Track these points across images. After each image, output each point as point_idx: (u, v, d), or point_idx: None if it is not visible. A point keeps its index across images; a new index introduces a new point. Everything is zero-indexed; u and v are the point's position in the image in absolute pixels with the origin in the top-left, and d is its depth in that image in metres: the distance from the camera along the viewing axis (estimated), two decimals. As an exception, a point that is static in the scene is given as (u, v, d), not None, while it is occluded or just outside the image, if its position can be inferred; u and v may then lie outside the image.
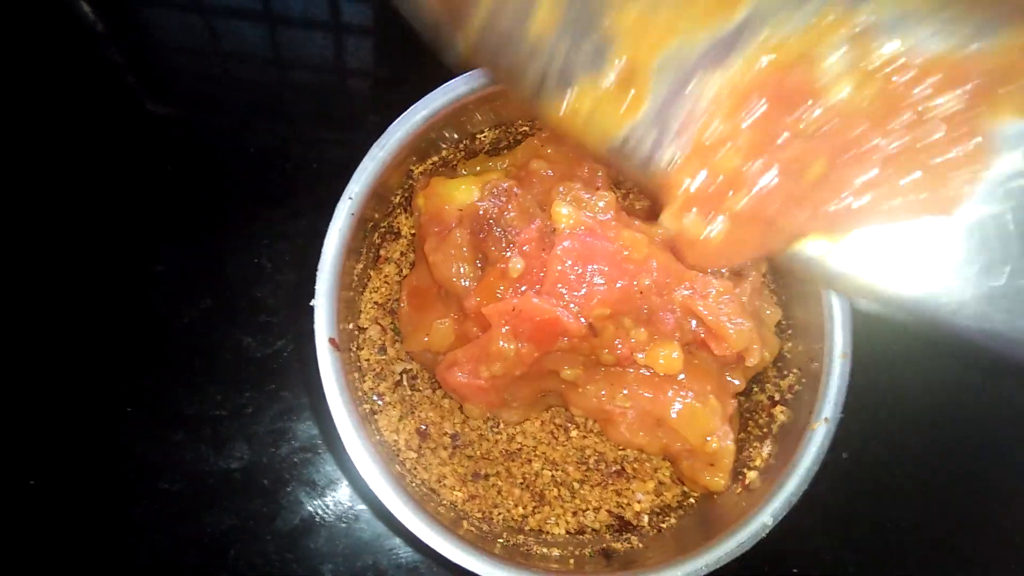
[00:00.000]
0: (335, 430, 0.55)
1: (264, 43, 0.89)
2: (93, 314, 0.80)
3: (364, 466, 0.55)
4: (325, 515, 0.77)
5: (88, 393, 0.78)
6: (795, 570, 0.78)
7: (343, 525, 0.77)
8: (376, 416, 0.64)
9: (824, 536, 0.79)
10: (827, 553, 0.79)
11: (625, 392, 0.60)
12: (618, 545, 0.63)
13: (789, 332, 0.66)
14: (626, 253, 0.59)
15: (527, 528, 0.65)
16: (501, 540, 0.61)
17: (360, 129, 0.72)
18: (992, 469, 0.80)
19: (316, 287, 0.56)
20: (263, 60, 0.89)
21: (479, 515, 0.65)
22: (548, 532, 0.65)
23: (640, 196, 0.73)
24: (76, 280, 0.81)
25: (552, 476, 0.66)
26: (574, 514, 0.66)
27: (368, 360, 0.66)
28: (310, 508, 0.77)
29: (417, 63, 0.42)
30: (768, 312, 0.66)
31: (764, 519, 0.57)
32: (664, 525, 0.64)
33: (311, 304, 0.56)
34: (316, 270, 0.58)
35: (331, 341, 0.56)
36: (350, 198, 0.58)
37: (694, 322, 0.61)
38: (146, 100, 0.88)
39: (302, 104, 0.89)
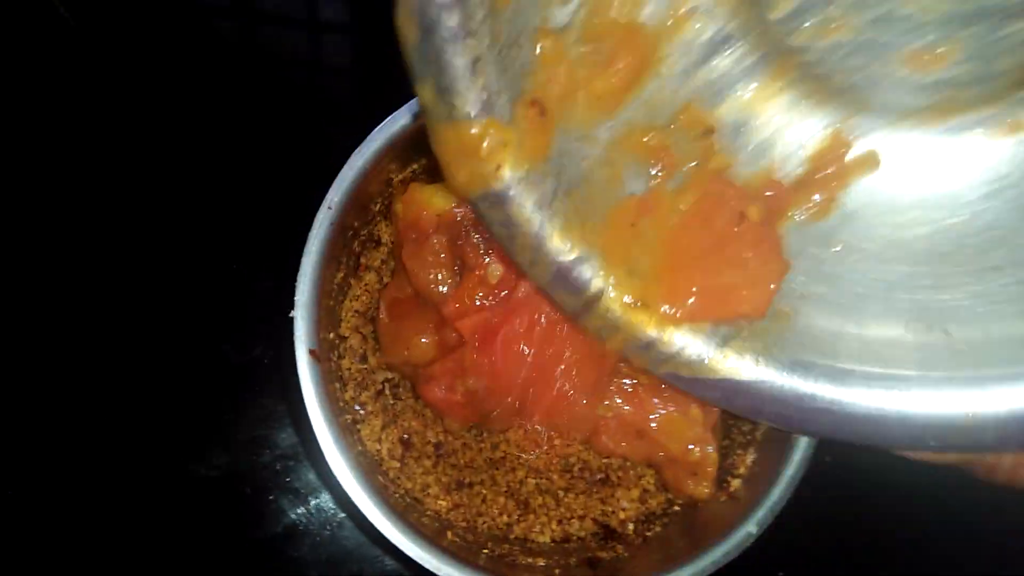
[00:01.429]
0: (316, 441, 0.54)
1: (240, 40, 0.87)
2: (58, 320, 0.78)
3: (346, 480, 0.54)
4: (308, 523, 0.77)
5: (56, 403, 0.77)
6: (781, 573, 0.78)
7: (327, 533, 0.76)
8: (358, 426, 0.64)
9: (811, 538, 0.78)
10: (814, 555, 0.79)
11: (606, 403, 0.59)
12: (604, 554, 0.62)
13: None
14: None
15: (512, 536, 0.65)
16: (486, 551, 0.60)
17: (338, 131, 0.71)
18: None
19: (296, 297, 0.55)
20: (239, 59, 0.88)
21: (464, 524, 0.64)
22: (533, 540, 0.65)
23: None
24: (40, 281, 0.79)
25: (536, 484, 0.66)
26: (559, 522, 0.65)
27: (349, 369, 0.65)
28: (292, 516, 0.77)
29: (399, 62, 0.41)
30: None
31: (749, 528, 0.57)
32: (649, 533, 0.64)
33: (291, 315, 0.55)
34: (293, 276, 0.57)
35: (311, 352, 0.55)
36: (329, 207, 0.57)
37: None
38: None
39: (278, 105, 0.87)
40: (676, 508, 0.65)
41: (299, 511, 0.76)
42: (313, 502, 0.76)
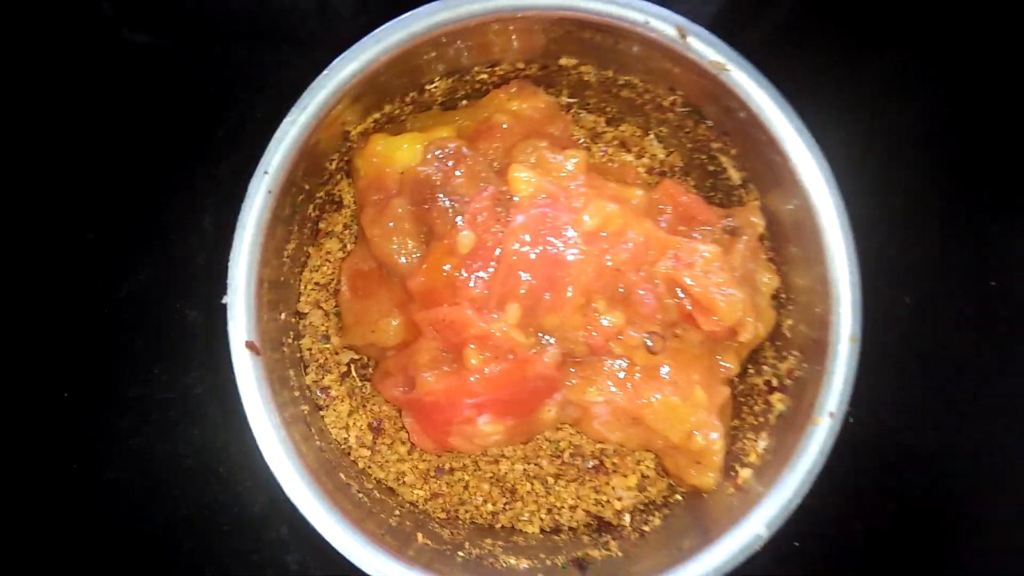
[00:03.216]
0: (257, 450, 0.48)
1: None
2: (20, 290, 0.72)
3: (296, 494, 0.48)
4: (287, 502, 0.71)
5: (19, 377, 0.71)
6: (796, 543, 0.72)
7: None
8: (321, 413, 0.57)
9: (829, 506, 0.72)
10: (832, 523, 0.72)
11: (594, 388, 0.52)
12: (595, 552, 0.56)
13: (790, 307, 0.57)
14: (597, 224, 0.51)
15: (498, 526, 0.59)
16: (462, 553, 0.54)
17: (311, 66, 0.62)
18: (1008, 434, 0.73)
19: (229, 280, 0.48)
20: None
21: (443, 516, 0.58)
22: (521, 531, 0.59)
23: (621, 150, 0.63)
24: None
25: (524, 470, 0.60)
26: (548, 511, 0.59)
27: (310, 350, 0.58)
28: (270, 495, 0.71)
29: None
30: (765, 279, 0.57)
31: (758, 530, 0.50)
32: (647, 527, 0.58)
33: (223, 301, 0.48)
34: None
35: (248, 345, 0.48)
36: (266, 171, 0.49)
37: (679, 294, 0.53)
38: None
39: (244, 46, 0.78)
40: (678, 497, 0.59)
41: (277, 490, 0.71)
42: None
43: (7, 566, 0.70)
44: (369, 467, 0.58)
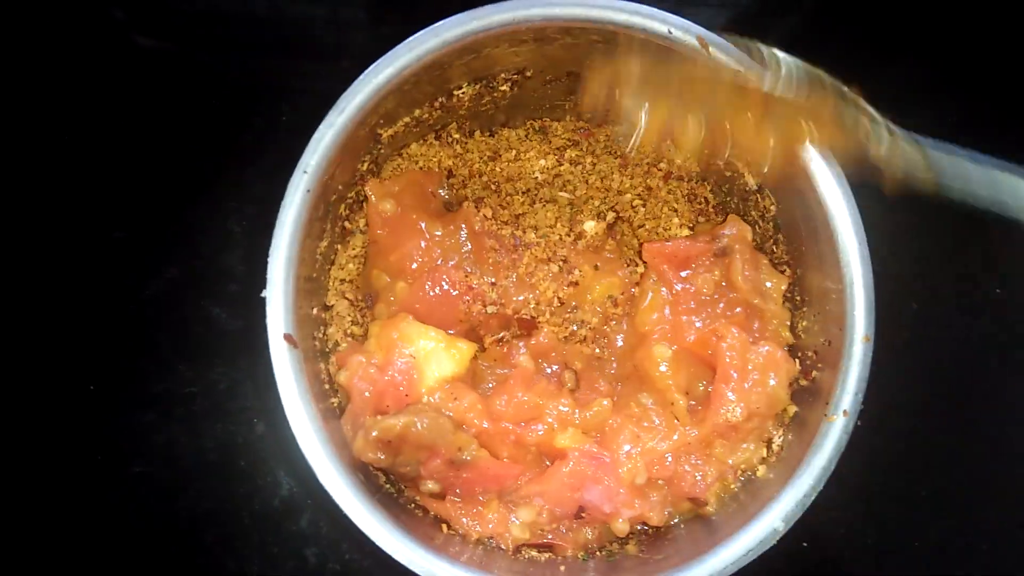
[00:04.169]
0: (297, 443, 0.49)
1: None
2: (49, 287, 0.74)
3: (337, 491, 0.50)
4: (307, 496, 0.73)
5: (47, 373, 0.72)
6: (804, 543, 0.73)
7: (327, 507, 0.72)
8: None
9: (840, 508, 0.73)
10: (843, 525, 0.74)
11: None
12: (615, 548, 0.58)
13: (804, 310, 0.59)
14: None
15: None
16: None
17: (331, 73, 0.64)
18: (1013, 437, 0.75)
19: (268, 274, 0.50)
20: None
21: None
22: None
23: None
24: (28, 249, 0.74)
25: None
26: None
27: (338, 341, 0.60)
28: (291, 489, 0.73)
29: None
30: (769, 284, 0.59)
31: (775, 524, 0.51)
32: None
33: (263, 295, 0.50)
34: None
35: (286, 337, 0.50)
36: (305, 171, 0.51)
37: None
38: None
39: (263, 53, 0.80)
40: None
41: (297, 484, 0.72)
42: (312, 474, 0.72)
43: (33, 558, 0.71)
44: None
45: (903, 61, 0.79)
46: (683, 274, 0.59)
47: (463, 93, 0.60)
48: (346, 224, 0.60)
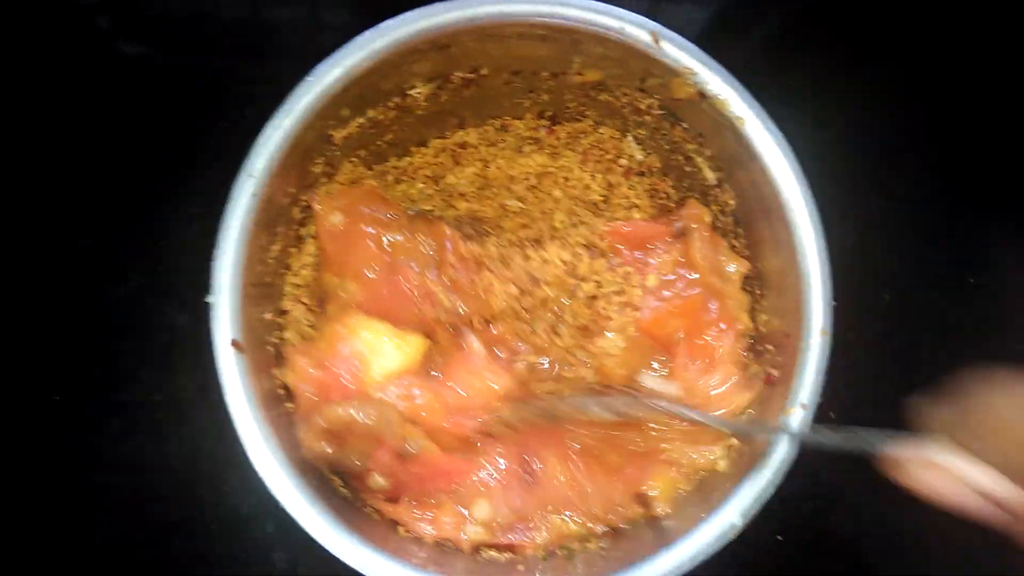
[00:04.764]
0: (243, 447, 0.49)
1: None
2: (11, 294, 0.73)
3: (283, 492, 0.49)
4: (274, 502, 0.72)
5: (9, 381, 0.72)
6: (779, 537, 0.72)
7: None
8: (307, 410, 0.58)
9: (814, 500, 0.73)
10: (814, 517, 0.73)
11: None
12: (575, 546, 0.57)
13: (764, 303, 0.59)
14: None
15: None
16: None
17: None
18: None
19: (213, 280, 0.49)
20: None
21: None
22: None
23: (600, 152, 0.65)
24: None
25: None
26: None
27: (294, 345, 0.59)
28: (257, 495, 0.72)
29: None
30: (732, 268, 0.59)
31: (732, 518, 0.51)
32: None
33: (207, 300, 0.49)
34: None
35: (233, 343, 0.49)
36: (251, 175, 0.50)
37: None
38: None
39: (237, 57, 0.79)
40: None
41: (264, 490, 0.71)
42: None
43: (-2, 569, 0.71)
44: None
45: (879, 62, 0.79)
46: (639, 255, 0.58)
47: (418, 93, 0.59)
48: (300, 229, 0.60)
